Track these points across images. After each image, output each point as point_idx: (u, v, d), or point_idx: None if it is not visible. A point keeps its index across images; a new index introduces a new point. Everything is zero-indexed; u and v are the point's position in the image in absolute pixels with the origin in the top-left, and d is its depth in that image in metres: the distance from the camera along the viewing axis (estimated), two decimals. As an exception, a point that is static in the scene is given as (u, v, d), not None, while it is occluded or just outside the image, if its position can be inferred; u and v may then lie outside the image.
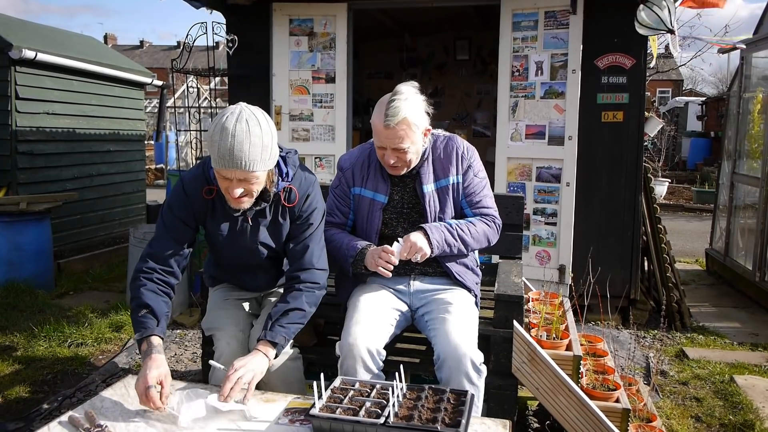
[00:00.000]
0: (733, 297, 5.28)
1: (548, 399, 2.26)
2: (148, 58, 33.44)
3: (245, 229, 2.18)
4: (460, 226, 2.31)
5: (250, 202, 2.05)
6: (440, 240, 2.24)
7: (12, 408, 3.06)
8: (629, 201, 4.42)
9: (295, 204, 2.17)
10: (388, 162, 2.24)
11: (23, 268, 4.92)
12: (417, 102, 2.21)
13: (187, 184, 2.15)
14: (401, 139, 2.17)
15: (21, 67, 5.38)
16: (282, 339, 2.04)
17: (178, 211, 2.14)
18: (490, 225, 2.39)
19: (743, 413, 3.07)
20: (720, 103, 15.05)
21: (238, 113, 1.91)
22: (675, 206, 11.86)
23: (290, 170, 2.16)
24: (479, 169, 2.42)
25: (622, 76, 4.31)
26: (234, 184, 1.96)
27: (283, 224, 2.21)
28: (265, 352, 1.99)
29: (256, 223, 2.18)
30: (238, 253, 2.24)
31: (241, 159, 1.88)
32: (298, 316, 2.12)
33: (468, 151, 2.40)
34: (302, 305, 2.13)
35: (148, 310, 2.01)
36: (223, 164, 1.90)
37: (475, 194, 2.39)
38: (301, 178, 2.19)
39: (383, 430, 1.56)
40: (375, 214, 2.37)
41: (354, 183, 2.42)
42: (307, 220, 2.21)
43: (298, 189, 2.17)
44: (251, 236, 2.19)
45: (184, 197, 2.14)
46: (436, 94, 7.98)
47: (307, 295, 2.15)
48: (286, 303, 2.12)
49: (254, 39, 4.78)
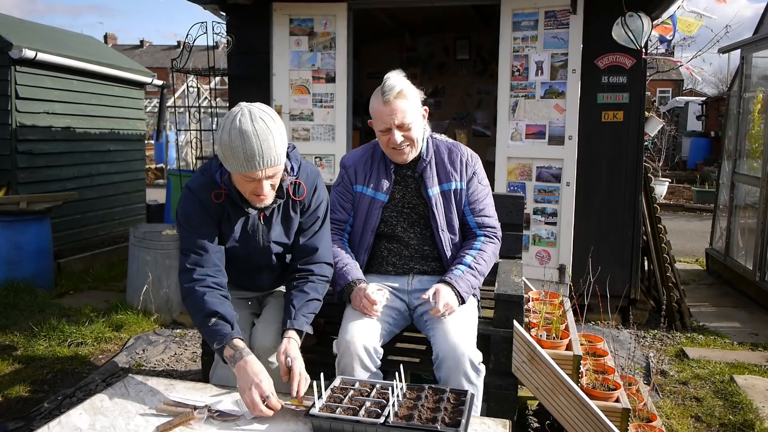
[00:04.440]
0: (733, 297, 5.28)
1: (548, 399, 2.26)
2: (148, 58, 33.43)
3: (257, 228, 2.16)
4: (477, 261, 2.32)
5: (272, 197, 2.05)
6: (467, 288, 2.24)
7: (12, 407, 3.06)
8: (629, 201, 4.42)
9: (304, 197, 2.18)
10: (395, 142, 2.24)
11: (23, 267, 4.92)
12: (409, 83, 2.26)
13: (198, 192, 2.09)
14: (404, 113, 2.20)
15: (21, 67, 5.38)
16: (308, 327, 2.08)
17: (199, 216, 2.08)
18: (494, 242, 2.42)
19: (743, 413, 3.07)
20: (720, 103, 15.04)
21: (249, 114, 1.88)
22: (675, 206, 11.86)
23: (295, 164, 2.15)
24: (483, 176, 2.45)
25: (622, 76, 4.31)
26: (260, 183, 1.94)
27: (293, 218, 2.20)
28: (294, 338, 2.02)
29: (268, 221, 2.17)
30: (248, 254, 2.21)
31: (271, 156, 1.88)
32: (316, 306, 2.16)
33: (472, 158, 2.42)
34: (319, 296, 2.17)
35: (218, 316, 1.94)
36: (253, 166, 1.87)
37: (479, 202, 2.41)
38: (306, 171, 2.19)
39: (383, 429, 1.56)
40: (374, 212, 2.38)
41: (356, 180, 2.43)
42: (315, 213, 2.22)
43: (305, 182, 2.17)
44: (264, 235, 2.18)
45: (199, 204, 2.08)
46: (436, 94, 7.98)
47: (321, 287, 2.19)
48: (306, 294, 2.13)
49: (254, 39, 4.78)
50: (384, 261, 2.43)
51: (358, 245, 2.44)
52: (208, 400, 1.81)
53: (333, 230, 2.43)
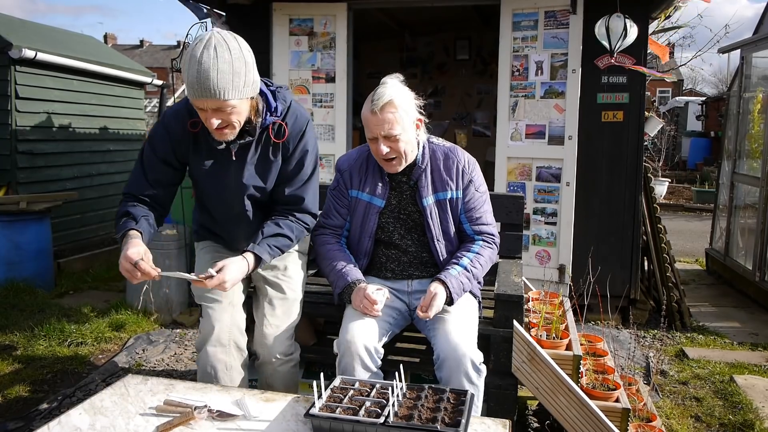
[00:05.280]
0: (733, 297, 5.28)
1: (548, 398, 2.26)
2: (148, 58, 33.43)
3: (230, 166, 2.09)
4: (473, 264, 2.27)
5: (233, 134, 1.98)
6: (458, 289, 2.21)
7: (12, 407, 3.06)
8: (629, 201, 4.42)
9: (285, 140, 2.09)
10: (381, 153, 2.17)
11: (23, 267, 4.92)
12: (403, 90, 2.19)
13: (167, 119, 2.09)
14: (390, 124, 2.13)
15: (21, 67, 5.38)
16: (267, 257, 2.05)
17: (159, 148, 2.09)
18: (492, 247, 2.36)
19: (743, 413, 3.07)
20: (720, 103, 15.04)
21: (206, 40, 1.82)
22: (675, 206, 11.87)
23: (279, 105, 2.08)
24: (480, 183, 2.38)
25: (622, 76, 4.31)
26: (209, 114, 1.88)
27: (273, 162, 2.12)
28: (249, 261, 2.00)
29: (242, 159, 2.09)
30: (221, 195, 2.16)
31: (210, 87, 1.81)
32: (285, 244, 2.11)
33: (469, 164, 2.34)
34: (291, 236, 2.12)
35: (129, 216, 2.03)
36: (193, 93, 1.84)
37: (476, 210, 2.35)
38: (294, 115, 2.11)
39: (383, 429, 1.56)
40: (371, 217, 2.34)
41: (351, 185, 2.37)
42: (301, 161, 2.13)
43: (291, 126, 2.09)
44: (236, 173, 2.10)
45: (164, 132, 2.09)
46: (436, 94, 7.98)
47: (298, 228, 2.14)
48: (279, 227, 2.10)
49: (254, 39, 4.74)
50: (383, 267, 2.42)
51: (356, 251, 2.40)
52: (208, 400, 1.81)
53: (330, 235, 2.40)
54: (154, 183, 2.11)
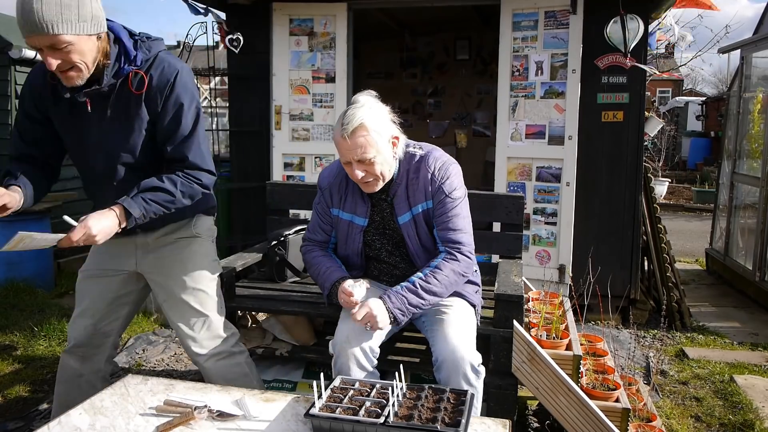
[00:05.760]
0: (733, 297, 5.28)
1: (548, 399, 2.26)
2: (148, 58, 33.38)
3: (87, 120, 1.95)
4: (427, 281, 2.10)
5: (80, 77, 1.83)
6: (401, 305, 2.06)
7: (12, 407, 3.06)
8: (629, 201, 4.42)
9: (147, 92, 1.93)
10: (356, 177, 2.08)
11: (23, 267, 4.92)
12: (375, 109, 2.07)
13: (32, 73, 2.01)
14: (363, 148, 2.02)
15: (21, 67, 5.38)
16: (139, 214, 1.90)
17: (25, 104, 2.03)
18: (455, 260, 2.15)
19: (743, 413, 3.07)
20: (720, 103, 15.04)
21: None
22: (675, 206, 11.87)
23: (141, 54, 1.92)
24: (454, 188, 2.18)
25: (622, 76, 4.31)
26: (45, 53, 1.74)
27: (135, 117, 1.95)
28: (118, 216, 1.88)
29: (100, 113, 1.95)
30: (82, 152, 2.04)
31: (35, 21, 1.67)
32: (165, 199, 1.95)
33: (439, 171, 2.16)
34: (174, 191, 1.95)
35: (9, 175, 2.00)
36: (22, 30, 1.70)
37: (445, 215, 2.17)
38: (161, 66, 1.94)
39: (383, 429, 1.56)
40: (355, 237, 2.29)
41: (332, 204, 2.31)
42: (177, 117, 1.96)
43: (156, 78, 1.93)
44: (93, 128, 1.96)
45: (28, 88, 2.01)
46: (436, 94, 7.99)
47: (183, 184, 1.97)
48: (160, 182, 1.94)
49: (254, 39, 4.78)
50: (377, 279, 2.41)
51: (349, 266, 2.37)
52: (208, 400, 1.81)
53: (316, 248, 2.38)
54: (31, 143, 2.03)
